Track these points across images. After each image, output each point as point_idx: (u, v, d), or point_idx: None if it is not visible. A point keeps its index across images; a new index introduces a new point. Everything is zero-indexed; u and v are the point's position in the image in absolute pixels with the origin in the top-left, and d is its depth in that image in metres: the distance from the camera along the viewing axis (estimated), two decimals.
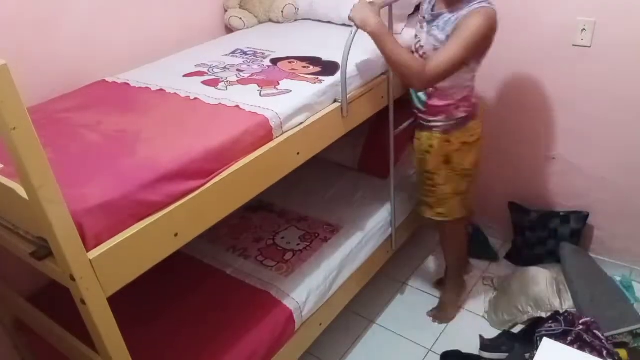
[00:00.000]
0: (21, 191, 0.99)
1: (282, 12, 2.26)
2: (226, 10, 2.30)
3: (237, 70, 1.75)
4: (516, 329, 2.11)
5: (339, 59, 1.62)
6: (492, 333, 2.14)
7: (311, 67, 1.74)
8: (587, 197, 2.28)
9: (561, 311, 1.99)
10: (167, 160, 1.21)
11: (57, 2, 1.73)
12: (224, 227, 2.10)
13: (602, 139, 2.14)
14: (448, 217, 2.02)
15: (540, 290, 2.08)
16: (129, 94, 1.66)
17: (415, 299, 2.38)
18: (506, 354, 1.94)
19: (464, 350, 2.06)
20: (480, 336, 2.06)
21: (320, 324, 1.90)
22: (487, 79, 2.33)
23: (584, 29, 2.00)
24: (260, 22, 2.33)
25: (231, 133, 1.34)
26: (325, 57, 1.81)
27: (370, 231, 2.10)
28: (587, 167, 2.23)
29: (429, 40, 1.73)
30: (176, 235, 1.21)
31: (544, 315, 2.04)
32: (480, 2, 1.62)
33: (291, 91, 1.56)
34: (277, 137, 1.45)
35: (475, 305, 2.30)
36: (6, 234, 1.21)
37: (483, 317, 2.24)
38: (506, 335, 2.07)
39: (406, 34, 2.00)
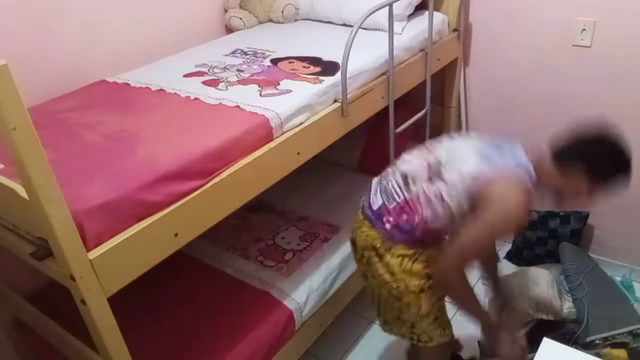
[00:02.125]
0: (21, 191, 0.99)
1: (283, 12, 2.26)
2: (226, 10, 2.30)
3: (238, 70, 1.75)
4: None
5: (339, 59, 1.62)
6: None
7: (311, 67, 1.74)
8: None
9: (562, 312, 1.99)
10: (167, 160, 1.21)
11: (57, 2, 1.73)
12: (224, 227, 2.09)
13: None
14: None
15: (540, 291, 2.08)
16: (129, 94, 1.66)
17: None
18: None
19: (464, 351, 2.06)
20: (479, 342, 2.06)
21: (320, 324, 1.90)
22: (487, 79, 2.34)
23: (584, 29, 2.00)
24: (260, 22, 2.33)
25: (231, 133, 1.34)
26: (326, 57, 1.81)
27: None
28: None
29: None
30: (176, 235, 1.21)
31: (544, 317, 2.04)
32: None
33: (291, 91, 1.56)
34: (277, 137, 1.45)
35: None
36: (6, 234, 1.21)
37: None
38: None
39: (406, 34, 2.00)
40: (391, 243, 1.43)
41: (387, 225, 1.42)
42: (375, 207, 1.46)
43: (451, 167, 1.36)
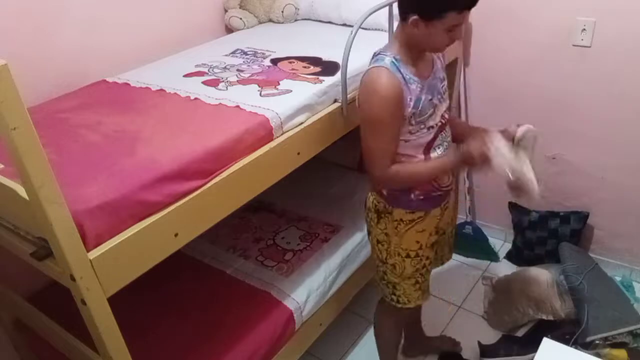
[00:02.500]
0: (21, 191, 0.99)
1: (283, 12, 2.26)
2: (226, 10, 2.30)
3: (238, 70, 1.75)
4: (519, 332, 2.11)
5: (339, 59, 1.62)
6: (491, 333, 2.15)
7: (311, 67, 1.74)
8: (587, 197, 2.28)
9: (562, 312, 2.00)
10: (167, 160, 1.21)
11: (57, 2, 1.73)
12: (224, 227, 2.09)
13: (602, 139, 2.14)
14: None
15: (541, 291, 2.08)
16: (130, 94, 1.66)
17: None
18: (505, 358, 1.95)
19: (464, 351, 2.06)
20: (479, 342, 2.06)
21: (320, 324, 1.90)
22: (487, 79, 2.34)
23: (584, 29, 2.00)
24: (260, 22, 2.33)
25: (231, 133, 1.34)
26: (326, 57, 1.81)
27: None
28: (587, 167, 2.23)
29: None
30: (176, 235, 1.21)
31: (544, 317, 2.04)
32: (375, 58, 1.38)
33: (291, 91, 1.56)
34: (277, 137, 1.45)
35: (475, 305, 2.30)
36: (6, 234, 1.21)
37: (482, 317, 2.24)
38: (505, 339, 2.06)
39: None
40: (392, 207, 1.52)
41: (385, 190, 1.52)
42: None
43: None
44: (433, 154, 1.45)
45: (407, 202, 1.50)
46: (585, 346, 1.85)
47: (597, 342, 1.85)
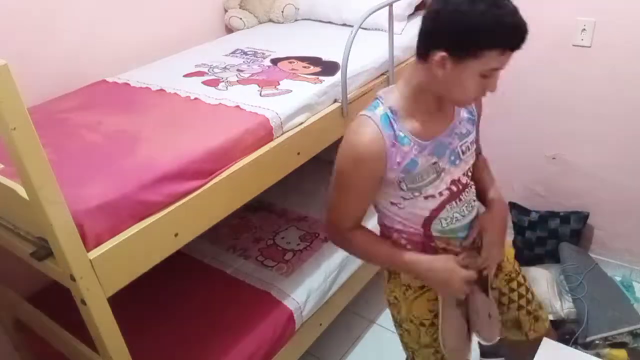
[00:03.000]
0: (21, 191, 0.99)
1: (283, 12, 2.26)
2: (226, 11, 2.30)
3: (238, 70, 1.75)
4: None
5: (339, 59, 1.62)
6: None
7: (311, 67, 1.74)
8: (587, 197, 2.28)
9: (562, 312, 1.99)
10: (167, 160, 1.21)
11: (57, 2, 1.73)
12: (224, 227, 2.09)
13: (602, 139, 2.14)
14: None
15: (540, 292, 2.08)
16: (129, 94, 1.66)
17: None
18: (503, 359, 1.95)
19: None
20: (479, 343, 2.05)
21: (320, 324, 1.90)
22: None
23: (584, 29, 2.00)
24: (260, 22, 2.33)
25: (231, 133, 1.34)
26: (326, 57, 1.81)
27: None
28: (587, 167, 2.23)
29: None
30: (176, 235, 1.21)
31: None
32: (372, 102, 1.12)
33: (291, 91, 1.56)
34: (277, 137, 1.45)
35: None
36: (6, 234, 1.21)
37: None
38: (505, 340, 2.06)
39: (406, 34, 2.00)
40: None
41: None
42: None
43: None
44: (436, 227, 1.18)
45: None
46: (585, 346, 1.85)
47: (597, 342, 1.85)
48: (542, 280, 2.12)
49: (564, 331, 1.93)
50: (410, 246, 1.21)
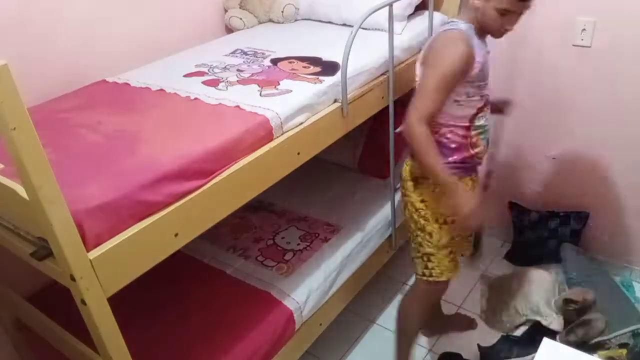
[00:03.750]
0: (21, 191, 0.99)
1: (283, 12, 2.26)
2: (226, 11, 2.30)
3: (238, 70, 1.75)
4: (518, 331, 2.11)
5: (339, 59, 1.62)
6: (490, 333, 2.14)
7: (311, 67, 1.74)
8: (587, 197, 2.28)
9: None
10: (167, 160, 1.21)
11: (57, 2, 1.73)
12: (224, 227, 2.10)
13: (603, 139, 2.14)
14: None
15: (541, 292, 2.08)
16: (129, 94, 1.66)
17: None
18: None
19: (464, 352, 2.06)
20: (478, 345, 2.06)
21: (320, 324, 1.90)
22: None
23: (584, 29, 2.00)
24: (260, 22, 2.33)
25: (231, 133, 1.34)
26: (326, 57, 1.81)
27: (370, 231, 2.10)
28: (587, 167, 2.23)
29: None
30: (176, 235, 1.21)
31: (543, 320, 2.04)
32: (449, 24, 1.54)
33: (291, 91, 1.56)
34: (277, 137, 1.45)
35: (475, 305, 2.30)
36: (6, 234, 1.21)
37: (480, 317, 2.24)
38: (505, 340, 2.06)
39: (406, 34, 2.00)
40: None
41: None
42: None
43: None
44: (477, 122, 1.57)
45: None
46: (587, 347, 1.85)
47: (598, 342, 1.86)
48: (542, 281, 2.12)
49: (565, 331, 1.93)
50: (453, 138, 1.57)
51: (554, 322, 2.00)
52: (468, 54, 1.43)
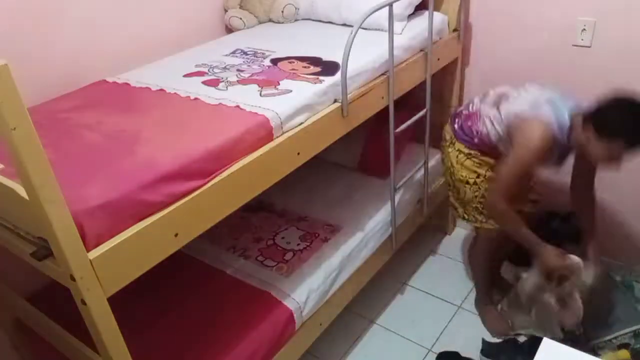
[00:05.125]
0: (21, 191, 0.99)
1: (283, 12, 2.26)
2: (226, 10, 2.30)
3: (238, 70, 1.75)
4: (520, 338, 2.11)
5: (339, 59, 1.62)
6: (490, 334, 2.14)
7: (311, 67, 1.74)
8: None
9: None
10: (167, 160, 1.21)
11: (57, 2, 1.73)
12: (224, 227, 2.10)
13: None
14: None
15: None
16: (129, 94, 1.66)
17: (415, 299, 2.38)
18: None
19: (464, 352, 2.06)
20: (483, 340, 2.05)
21: (320, 324, 1.90)
22: (487, 79, 2.34)
23: (584, 29, 2.00)
24: (260, 22, 2.33)
25: (231, 133, 1.34)
26: (326, 57, 1.81)
27: (370, 231, 2.09)
28: None
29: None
30: (176, 235, 1.21)
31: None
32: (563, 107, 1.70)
33: (291, 91, 1.56)
34: (277, 137, 1.45)
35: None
36: (6, 234, 1.21)
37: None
38: (510, 344, 2.05)
39: (406, 34, 2.00)
40: (456, 139, 1.93)
41: (456, 125, 1.94)
42: (457, 110, 2.00)
43: (508, 103, 1.77)
44: None
45: (468, 141, 1.89)
46: (587, 347, 1.85)
47: (599, 343, 1.85)
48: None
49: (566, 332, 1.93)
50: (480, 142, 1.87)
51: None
52: (548, 151, 1.64)
